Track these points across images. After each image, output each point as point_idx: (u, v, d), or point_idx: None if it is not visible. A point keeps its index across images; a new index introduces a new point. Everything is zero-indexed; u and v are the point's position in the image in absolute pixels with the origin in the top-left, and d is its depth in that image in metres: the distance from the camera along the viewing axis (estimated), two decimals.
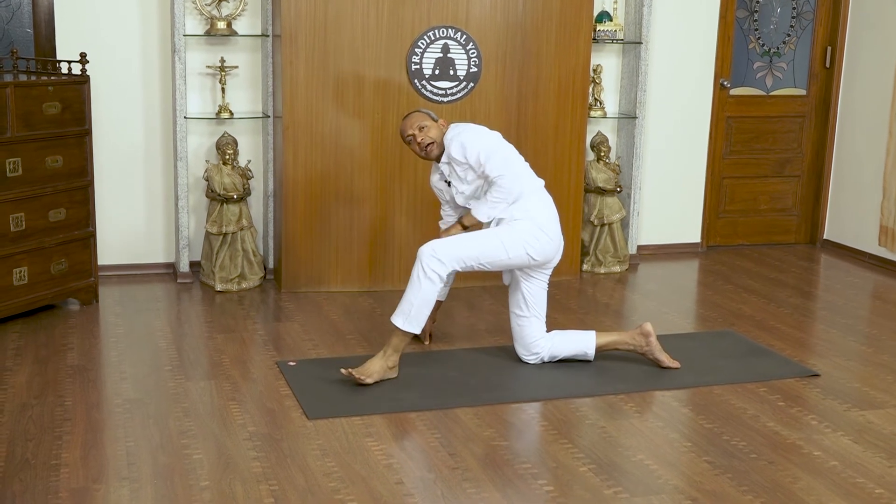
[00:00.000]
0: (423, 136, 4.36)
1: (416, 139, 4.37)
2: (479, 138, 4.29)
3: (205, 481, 3.27)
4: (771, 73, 6.80)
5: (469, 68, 5.56)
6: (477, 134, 4.32)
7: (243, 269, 5.57)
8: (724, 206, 6.87)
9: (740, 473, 3.43)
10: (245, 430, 3.69)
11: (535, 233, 4.23)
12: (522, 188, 4.28)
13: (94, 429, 3.68)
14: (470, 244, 4.19)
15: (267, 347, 4.64)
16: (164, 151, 5.72)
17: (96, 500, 3.14)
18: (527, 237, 4.22)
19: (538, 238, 4.24)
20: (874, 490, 3.35)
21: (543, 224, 4.26)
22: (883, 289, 6.03)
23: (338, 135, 5.45)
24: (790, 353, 4.71)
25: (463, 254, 4.16)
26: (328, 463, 3.43)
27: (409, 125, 4.41)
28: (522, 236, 4.22)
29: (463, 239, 4.22)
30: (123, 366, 4.35)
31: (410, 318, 4.12)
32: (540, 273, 4.34)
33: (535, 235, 4.23)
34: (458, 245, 4.18)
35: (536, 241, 4.24)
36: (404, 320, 4.12)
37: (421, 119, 4.42)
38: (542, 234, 4.25)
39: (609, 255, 6.16)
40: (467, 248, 4.18)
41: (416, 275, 4.12)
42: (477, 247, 4.19)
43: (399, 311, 4.14)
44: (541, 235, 4.24)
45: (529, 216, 4.25)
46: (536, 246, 4.24)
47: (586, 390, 4.17)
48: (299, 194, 5.46)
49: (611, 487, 3.31)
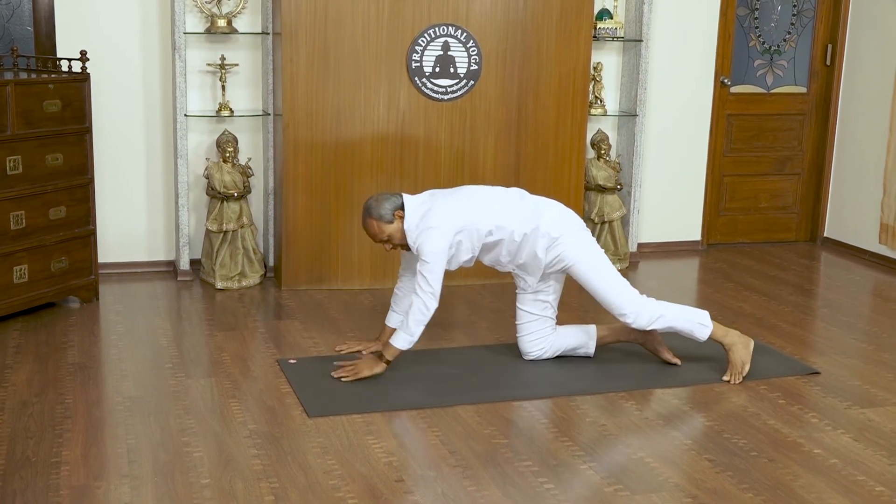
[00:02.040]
0: (390, 243, 4.17)
1: (386, 246, 4.21)
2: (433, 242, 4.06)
3: (205, 479, 3.27)
4: (771, 70, 6.80)
5: (469, 66, 5.56)
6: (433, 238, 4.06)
7: (244, 267, 5.57)
8: (725, 204, 6.87)
9: (741, 471, 3.44)
10: (245, 427, 3.70)
11: (587, 236, 4.31)
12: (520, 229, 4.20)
13: (94, 426, 3.68)
14: (614, 279, 4.27)
15: (267, 345, 4.64)
16: (165, 149, 5.72)
17: (97, 498, 3.14)
18: (592, 243, 4.31)
19: (592, 238, 4.34)
20: (874, 488, 3.35)
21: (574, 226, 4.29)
22: (883, 286, 6.03)
23: (338, 132, 5.45)
24: (791, 351, 4.71)
25: (624, 287, 4.27)
26: (328, 461, 3.43)
27: (373, 236, 4.17)
28: (592, 245, 4.30)
29: (613, 285, 4.25)
30: (124, 363, 4.35)
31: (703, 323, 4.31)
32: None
33: (590, 238, 4.32)
34: (620, 288, 4.25)
35: (591, 239, 4.32)
36: (703, 327, 4.31)
37: (373, 232, 4.15)
38: (587, 231, 4.33)
39: (609, 253, 6.16)
40: (616, 281, 4.27)
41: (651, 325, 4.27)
42: (611, 275, 4.27)
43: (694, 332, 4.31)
44: (589, 234, 4.34)
45: (566, 233, 4.23)
46: (593, 243, 4.32)
47: (587, 388, 4.17)
48: (300, 192, 5.46)
49: (611, 485, 3.31)
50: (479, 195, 4.25)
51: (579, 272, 4.23)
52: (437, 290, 4.06)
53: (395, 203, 4.13)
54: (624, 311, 4.22)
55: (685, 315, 4.29)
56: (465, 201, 4.19)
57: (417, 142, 5.54)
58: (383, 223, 4.12)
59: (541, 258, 4.19)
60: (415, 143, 5.54)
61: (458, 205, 4.16)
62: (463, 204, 4.17)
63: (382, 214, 4.12)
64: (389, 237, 4.14)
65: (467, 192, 4.27)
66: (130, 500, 3.13)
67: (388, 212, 4.12)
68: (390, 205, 4.12)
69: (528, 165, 5.76)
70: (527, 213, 4.20)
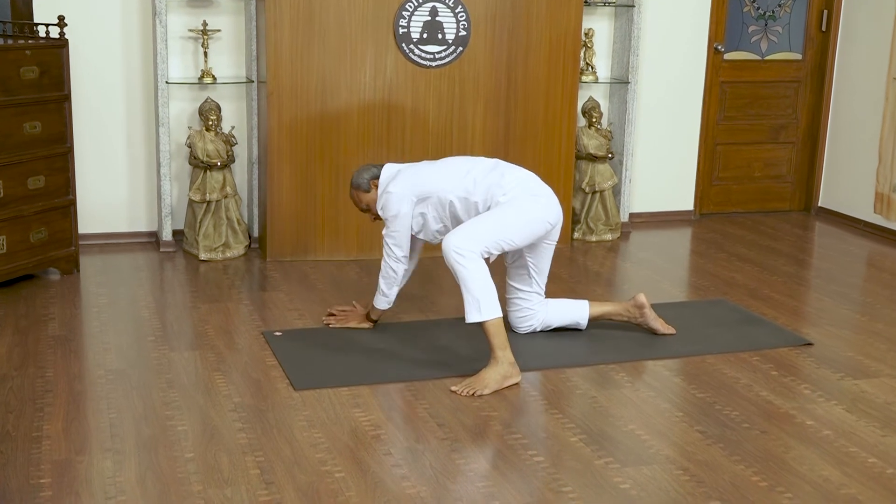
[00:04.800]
0: (369, 212, 4.36)
1: (369, 214, 4.39)
2: (389, 206, 4.21)
3: (189, 453, 3.28)
4: (766, 37, 6.78)
5: (458, 32, 5.53)
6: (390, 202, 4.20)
7: (227, 238, 5.55)
8: (718, 173, 6.87)
9: (732, 443, 3.46)
10: (230, 401, 3.70)
11: (528, 200, 4.08)
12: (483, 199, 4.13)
13: (76, 400, 3.68)
14: (485, 225, 3.99)
15: (252, 317, 4.63)
16: (146, 117, 5.68)
17: (79, 472, 3.14)
18: (529, 203, 4.07)
19: (538, 201, 4.10)
20: (867, 459, 3.37)
21: (532, 190, 4.14)
22: (878, 257, 6.05)
23: (324, 100, 5.42)
24: (783, 322, 4.73)
25: (484, 234, 3.94)
26: (315, 434, 3.44)
27: (355, 204, 4.41)
28: (521, 204, 4.06)
29: (475, 224, 4.01)
30: (106, 336, 4.34)
31: (482, 307, 3.85)
32: (545, 243, 4.26)
33: (529, 203, 4.08)
34: (475, 228, 3.97)
35: (538, 204, 4.09)
36: (478, 312, 3.86)
37: (354, 201, 4.38)
38: (536, 198, 4.11)
39: (600, 223, 6.16)
40: (485, 229, 3.97)
41: (453, 268, 3.91)
42: (493, 225, 3.99)
43: (467, 311, 3.89)
44: (535, 199, 4.10)
45: (511, 195, 4.08)
46: (541, 209, 4.09)
47: (577, 360, 4.18)
48: (284, 161, 5.43)
49: (602, 458, 3.33)
50: (451, 166, 4.26)
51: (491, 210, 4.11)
52: (399, 254, 4.26)
53: (373, 173, 4.33)
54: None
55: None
56: (433, 171, 4.23)
57: (404, 110, 5.52)
58: (361, 192, 4.34)
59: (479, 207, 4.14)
60: (402, 111, 5.52)
61: (423, 174, 4.23)
62: (430, 174, 4.22)
63: (360, 184, 4.33)
64: (368, 206, 4.34)
65: (441, 163, 4.34)
66: (113, 474, 3.13)
67: (365, 181, 4.31)
68: (368, 174, 4.32)
69: (518, 134, 5.75)
70: (490, 182, 4.12)
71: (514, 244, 4.05)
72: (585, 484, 3.16)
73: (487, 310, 3.86)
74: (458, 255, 3.88)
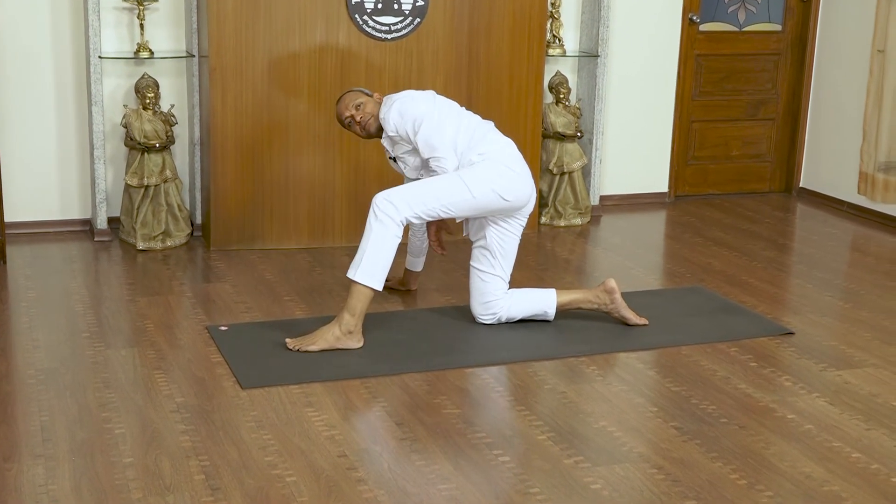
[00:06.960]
0: (361, 113, 4.40)
1: (356, 118, 4.41)
2: (411, 107, 4.29)
3: (128, 457, 3.26)
4: (744, 7, 6.83)
5: (415, 2, 5.52)
6: (410, 102, 4.32)
7: (168, 226, 5.52)
8: (694, 153, 6.92)
9: (710, 439, 3.49)
10: (172, 401, 3.68)
11: (498, 169, 4.25)
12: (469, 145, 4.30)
13: (3, 403, 3.65)
14: (427, 187, 4.18)
15: (195, 311, 4.62)
16: (77, 95, 5.63)
17: (8, 481, 3.12)
18: (491, 174, 4.22)
19: (503, 174, 4.24)
20: (851, 454, 3.42)
21: (506, 161, 4.29)
22: (862, 240, 6.13)
23: (271, 77, 5.40)
24: (763, 310, 4.79)
25: (420, 197, 4.12)
26: (264, 435, 3.43)
27: (345, 107, 4.44)
28: (486, 174, 4.22)
29: (419, 183, 4.21)
30: (35, 333, 4.31)
31: (362, 268, 4.07)
32: (513, 222, 4.34)
33: (499, 172, 4.24)
34: (414, 189, 4.17)
35: (501, 178, 4.23)
36: (356, 270, 4.08)
37: (355, 98, 4.45)
38: (508, 170, 4.27)
39: (569, 207, 6.19)
40: (425, 191, 4.16)
41: (368, 219, 4.10)
42: (436, 189, 4.17)
43: (351, 263, 4.12)
44: (506, 171, 4.26)
45: (486, 157, 4.26)
46: (503, 183, 4.23)
47: (545, 352, 4.20)
48: (229, 142, 5.41)
49: (571, 457, 3.35)
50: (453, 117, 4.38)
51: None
52: (450, 165, 4.26)
53: None
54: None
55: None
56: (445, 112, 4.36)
57: (358, 85, 5.50)
58: (363, 94, 4.47)
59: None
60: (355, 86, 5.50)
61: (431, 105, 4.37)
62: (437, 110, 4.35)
63: (362, 89, 4.53)
64: (361, 106, 4.39)
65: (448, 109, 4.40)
66: (45, 482, 3.11)
67: (370, 92, 4.51)
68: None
69: (481, 111, 5.71)
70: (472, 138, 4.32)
71: (457, 213, 4.22)
72: (554, 485, 3.18)
73: (365, 275, 4.07)
74: (378, 211, 4.08)
